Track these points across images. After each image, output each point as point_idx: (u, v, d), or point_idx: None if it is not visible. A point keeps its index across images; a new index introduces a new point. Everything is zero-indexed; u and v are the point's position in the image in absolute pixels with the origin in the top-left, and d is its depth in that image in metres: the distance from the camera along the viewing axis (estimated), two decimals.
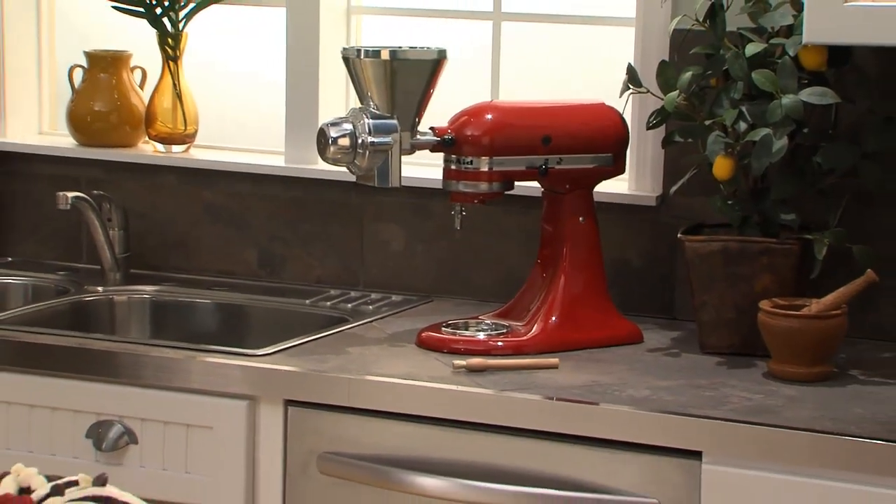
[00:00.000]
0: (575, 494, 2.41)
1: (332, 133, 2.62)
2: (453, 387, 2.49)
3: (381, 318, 2.94)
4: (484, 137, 2.67)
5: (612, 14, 3.09)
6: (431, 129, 2.70)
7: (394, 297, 3.11)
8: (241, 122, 3.41)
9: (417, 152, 2.72)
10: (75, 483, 1.18)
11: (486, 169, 2.68)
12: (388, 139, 2.64)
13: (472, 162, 2.68)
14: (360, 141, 2.62)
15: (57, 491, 1.16)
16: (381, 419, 2.53)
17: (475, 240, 3.10)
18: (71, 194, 3.16)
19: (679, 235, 2.74)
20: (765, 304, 2.57)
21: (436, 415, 2.49)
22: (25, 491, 1.15)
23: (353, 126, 2.63)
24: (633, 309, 2.92)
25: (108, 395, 2.67)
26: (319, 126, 2.66)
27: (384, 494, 2.52)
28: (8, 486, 1.14)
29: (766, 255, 2.65)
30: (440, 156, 2.76)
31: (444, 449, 2.50)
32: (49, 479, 1.18)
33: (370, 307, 3.02)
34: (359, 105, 2.69)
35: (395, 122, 2.65)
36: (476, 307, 2.96)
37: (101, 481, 1.18)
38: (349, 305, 3.04)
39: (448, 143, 2.68)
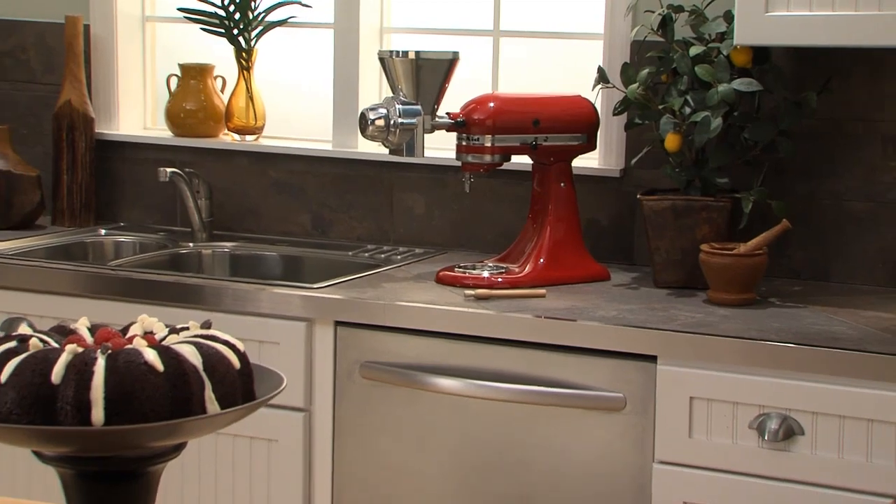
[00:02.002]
0: (558, 391, 2.43)
1: (371, 116, 2.63)
2: (464, 309, 2.50)
3: (407, 263, 2.95)
4: (488, 120, 2.67)
5: (585, 30, 3.09)
6: (447, 114, 2.70)
7: (416, 250, 3.10)
8: (298, 116, 3.41)
9: (436, 133, 2.70)
10: (186, 328, 1.19)
11: (489, 145, 2.68)
12: (413, 120, 2.64)
13: (478, 139, 2.68)
14: (392, 122, 2.62)
15: (173, 332, 1.18)
16: (409, 335, 2.54)
17: (480, 205, 3.11)
18: (169, 170, 3.16)
19: (638, 196, 2.75)
20: (704, 247, 2.58)
21: (451, 331, 2.50)
22: (149, 333, 1.17)
23: (387, 110, 2.63)
24: (602, 256, 2.92)
25: (197, 319, 2.66)
26: (360, 111, 2.65)
27: (411, 393, 2.54)
28: (135, 330, 1.16)
29: (706, 210, 2.66)
30: (453, 140, 2.74)
31: (458, 357, 2.51)
32: (166, 326, 1.20)
33: (398, 257, 3.02)
34: (391, 95, 2.69)
35: (419, 107, 2.65)
36: (481, 256, 2.95)
37: (206, 325, 1.19)
38: (382, 255, 3.04)
39: (460, 124, 2.69)
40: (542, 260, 2.73)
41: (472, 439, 2.50)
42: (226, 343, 1.16)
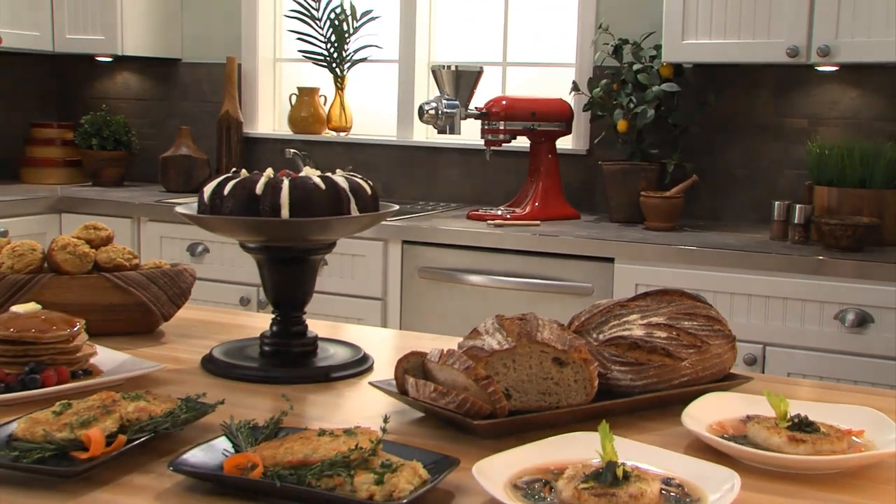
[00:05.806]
0: (548, 282, 2.46)
1: (426, 108, 2.66)
2: (487, 231, 2.53)
3: (447, 211, 2.97)
4: (502, 112, 2.71)
5: (563, 60, 3.10)
6: (475, 107, 2.72)
7: (452, 204, 3.13)
8: (375, 118, 3.43)
9: (468, 121, 2.72)
10: (334, 173, 1.23)
11: (502, 128, 2.71)
12: (454, 111, 2.67)
13: (495, 124, 2.71)
14: (440, 111, 2.66)
15: (328, 172, 1.22)
16: (451, 249, 2.57)
17: (494, 175, 3.12)
18: (291, 150, 3.21)
19: (600, 163, 2.78)
20: (644, 194, 2.61)
21: (478, 245, 2.53)
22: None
23: (437, 104, 2.66)
24: (575, 205, 2.94)
25: None
26: (419, 105, 2.69)
27: (451, 287, 2.56)
28: (311, 173, 1.20)
29: (643, 171, 2.69)
30: (477, 132, 2.76)
31: (483, 262, 2.54)
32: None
33: (441, 207, 3.05)
34: (438, 94, 2.72)
35: (457, 102, 2.68)
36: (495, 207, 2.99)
37: (349, 170, 1.24)
38: (430, 207, 3.06)
39: (484, 114, 2.72)
40: (536, 204, 2.76)
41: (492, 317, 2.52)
42: (362, 178, 1.20)
